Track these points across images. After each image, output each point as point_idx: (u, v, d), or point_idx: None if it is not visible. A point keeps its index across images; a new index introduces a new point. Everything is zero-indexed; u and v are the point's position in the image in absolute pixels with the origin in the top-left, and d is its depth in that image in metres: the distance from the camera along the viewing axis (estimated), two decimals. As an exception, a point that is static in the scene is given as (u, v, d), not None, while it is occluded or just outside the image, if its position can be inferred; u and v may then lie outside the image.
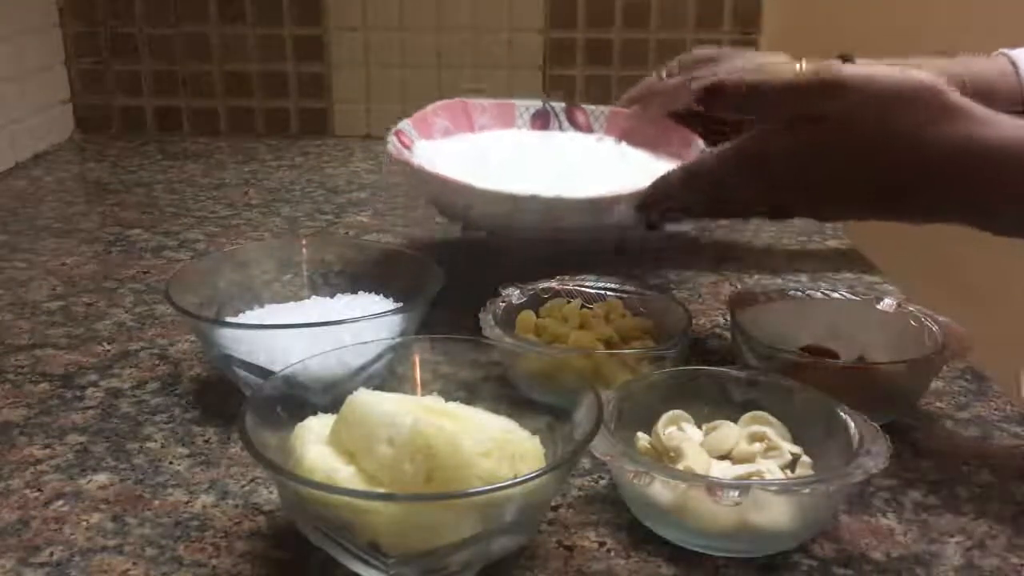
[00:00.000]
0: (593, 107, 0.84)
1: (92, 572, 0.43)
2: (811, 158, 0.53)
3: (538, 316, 0.60)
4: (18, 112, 1.13)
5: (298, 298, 0.63)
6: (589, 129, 0.84)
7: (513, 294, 0.62)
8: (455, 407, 0.45)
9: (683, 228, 0.87)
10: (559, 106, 0.85)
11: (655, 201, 0.63)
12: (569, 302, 0.62)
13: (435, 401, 0.46)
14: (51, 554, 0.44)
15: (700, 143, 0.76)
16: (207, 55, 1.24)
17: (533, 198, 0.65)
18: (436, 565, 0.40)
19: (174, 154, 1.18)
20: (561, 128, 0.85)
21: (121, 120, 1.27)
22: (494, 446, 0.40)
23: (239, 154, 1.18)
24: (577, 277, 0.64)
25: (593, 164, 0.78)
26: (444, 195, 0.70)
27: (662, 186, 0.62)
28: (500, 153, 0.78)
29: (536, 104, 0.85)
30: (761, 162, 0.55)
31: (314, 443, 0.43)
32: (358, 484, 0.40)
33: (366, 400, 0.43)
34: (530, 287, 0.62)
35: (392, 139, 0.74)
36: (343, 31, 1.23)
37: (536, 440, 0.44)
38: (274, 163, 1.15)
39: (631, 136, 0.82)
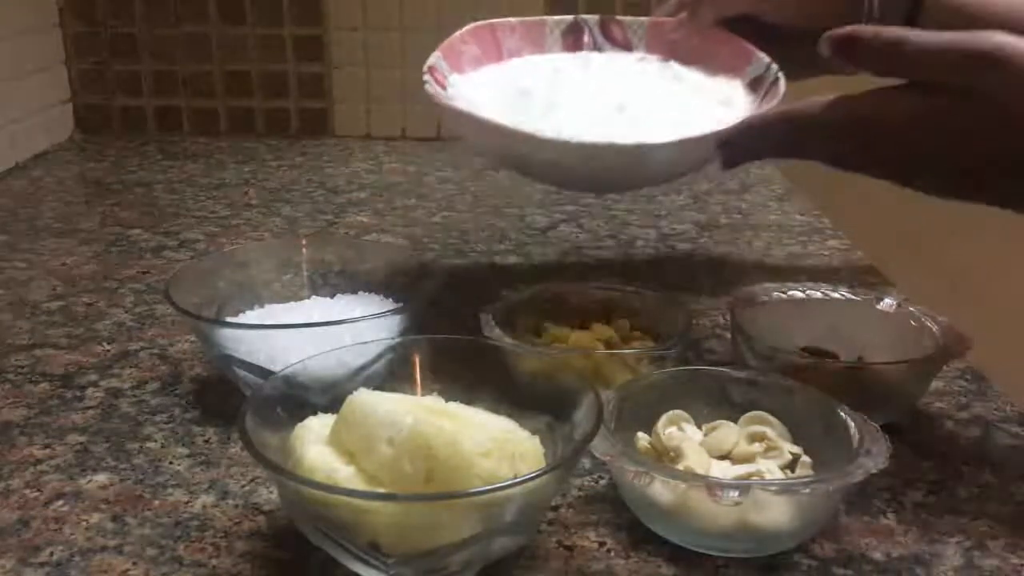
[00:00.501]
0: (631, 19, 0.74)
1: (92, 572, 0.43)
2: (941, 134, 0.48)
3: (538, 316, 0.60)
4: (18, 112, 1.13)
5: (298, 298, 0.63)
6: (628, 45, 0.74)
7: (513, 294, 0.62)
8: (455, 407, 0.45)
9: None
10: (593, 20, 0.75)
11: (746, 143, 0.56)
12: (570, 302, 0.62)
13: (435, 401, 0.46)
14: (51, 554, 0.44)
15: (761, 56, 0.66)
16: (207, 55, 1.24)
17: (610, 146, 0.57)
18: (436, 565, 0.40)
19: (174, 154, 1.18)
20: (596, 46, 0.75)
21: (121, 120, 1.27)
22: (494, 446, 0.40)
23: (239, 154, 1.18)
24: (577, 277, 0.64)
25: (646, 92, 0.68)
26: (499, 143, 0.62)
27: (757, 128, 0.55)
28: (540, 89, 0.68)
29: (567, 19, 0.75)
30: (878, 126, 0.49)
31: (314, 443, 0.43)
32: (358, 484, 0.40)
33: (366, 400, 0.43)
34: (530, 287, 0.62)
35: (428, 78, 0.66)
36: (343, 31, 1.23)
37: (536, 440, 0.44)
38: (274, 163, 1.15)
39: (677, 51, 0.72)
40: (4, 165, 1.09)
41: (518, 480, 0.39)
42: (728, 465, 0.47)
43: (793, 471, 0.46)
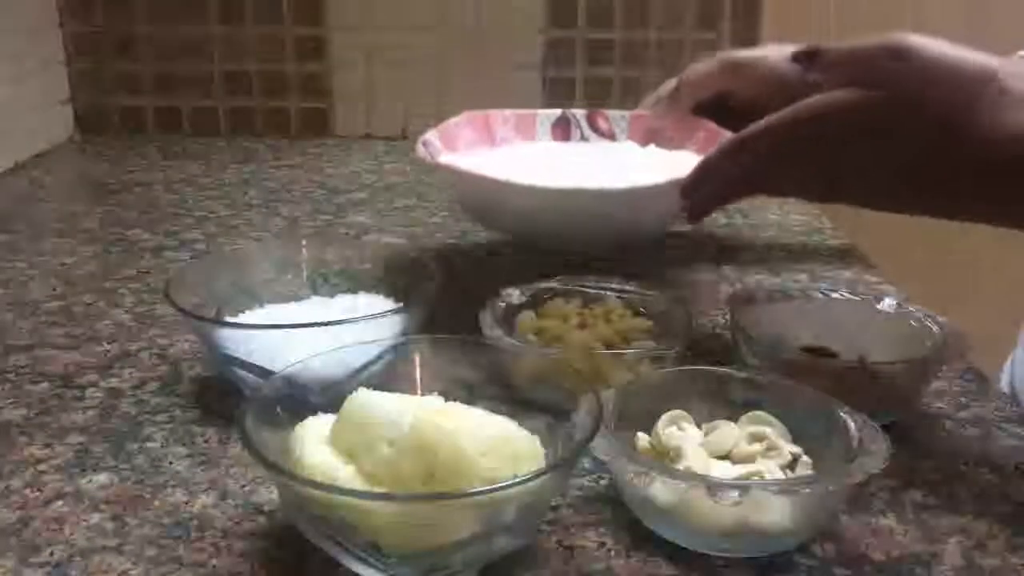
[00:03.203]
0: (615, 112, 0.84)
1: (92, 572, 0.43)
2: (869, 131, 0.52)
3: (538, 316, 0.60)
4: (18, 112, 1.13)
5: (298, 298, 0.63)
6: (612, 135, 0.83)
7: (513, 294, 0.62)
8: (455, 407, 0.45)
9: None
10: (580, 113, 0.84)
11: (701, 179, 0.59)
12: (569, 302, 0.62)
13: (435, 401, 0.46)
14: (51, 554, 0.44)
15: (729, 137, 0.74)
16: (207, 55, 1.24)
17: (579, 191, 0.64)
18: (436, 565, 0.40)
19: (174, 154, 1.18)
20: (583, 136, 0.84)
21: (121, 120, 1.27)
22: (494, 446, 0.40)
23: (239, 154, 1.19)
24: (577, 277, 0.64)
25: (623, 166, 0.77)
26: (478, 193, 0.69)
27: (710, 162, 0.59)
28: (527, 161, 0.77)
29: (556, 112, 0.84)
30: (819, 126, 0.53)
31: (314, 443, 0.43)
32: (358, 484, 0.40)
33: (366, 400, 0.43)
34: (530, 287, 0.62)
35: (420, 147, 0.74)
36: (343, 31, 1.23)
37: (536, 440, 0.44)
38: (274, 163, 1.15)
39: (656, 139, 0.81)
40: (4, 165, 1.09)
41: (518, 480, 0.39)
42: (728, 465, 0.47)
43: (793, 471, 0.46)
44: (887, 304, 0.60)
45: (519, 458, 0.41)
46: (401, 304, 0.59)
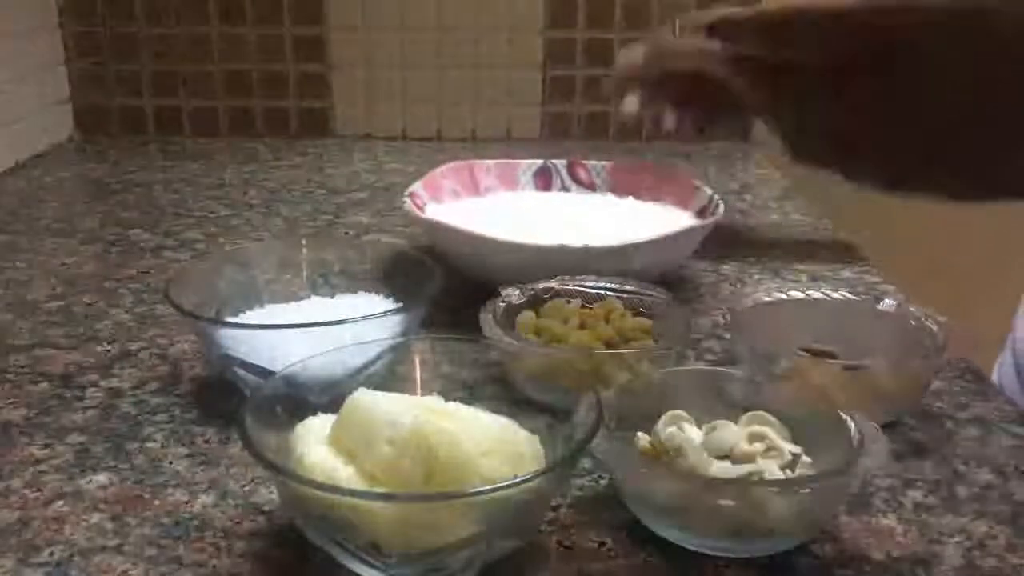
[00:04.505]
0: (594, 162, 0.87)
1: (92, 572, 0.43)
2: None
3: (538, 316, 0.60)
4: (18, 112, 1.13)
5: (298, 298, 0.63)
6: (592, 185, 0.86)
7: (513, 294, 0.62)
8: (455, 407, 0.45)
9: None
10: (561, 163, 0.87)
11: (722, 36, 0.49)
12: (569, 302, 0.62)
13: (435, 401, 0.46)
14: (51, 554, 0.44)
15: (705, 189, 0.78)
16: (207, 55, 1.24)
17: (563, 249, 0.67)
18: (436, 565, 0.40)
19: (174, 154, 1.18)
20: (564, 186, 0.87)
21: (121, 120, 1.27)
22: (494, 446, 0.40)
23: (239, 154, 1.19)
24: (577, 277, 0.64)
25: (602, 219, 0.80)
26: (463, 247, 0.71)
27: (730, 21, 0.47)
28: (511, 215, 0.80)
29: (538, 162, 0.87)
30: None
31: (314, 443, 0.43)
32: (358, 484, 0.40)
33: (366, 400, 0.43)
34: (530, 287, 0.62)
35: (407, 200, 0.76)
36: (343, 31, 1.23)
37: (536, 440, 0.44)
38: (274, 163, 1.15)
39: (634, 188, 0.84)
40: (4, 165, 1.09)
41: (518, 480, 0.39)
42: (728, 465, 0.47)
43: (793, 471, 0.46)
44: (887, 304, 0.60)
45: (519, 458, 0.41)
46: (401, 304, 0.59)
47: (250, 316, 0.61)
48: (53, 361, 0.63)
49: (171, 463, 0.52)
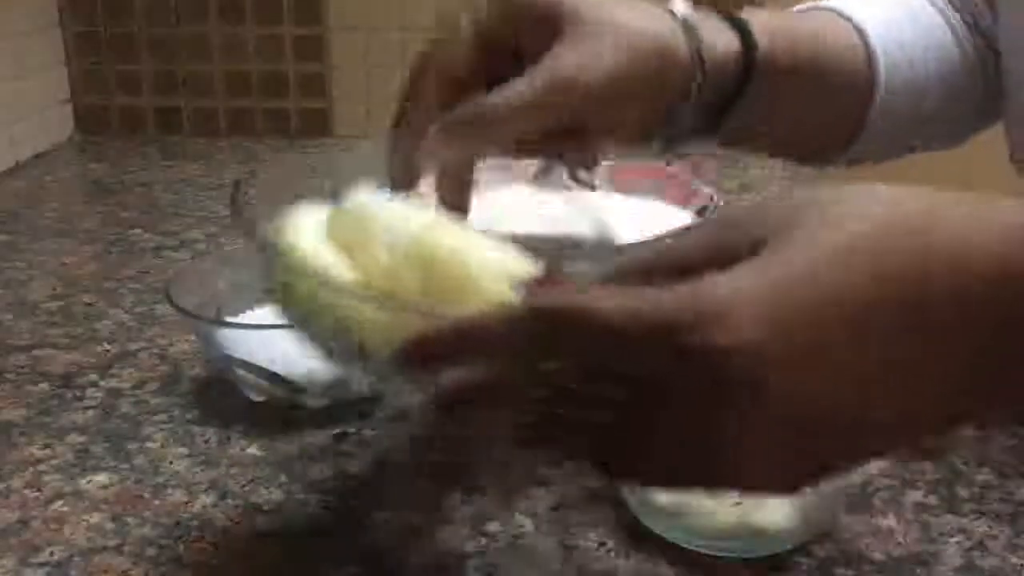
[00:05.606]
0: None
1: (92, 572, 0.43)
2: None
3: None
4: (18, 112, 1.12)
5: (298, 298, 0.63)
6: (592, 184, 0.85)
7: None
8: (461, 224, 0.42)
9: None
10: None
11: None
12: None
13: (440, 216, 0.42)
14: (51, 554, 0.44)
15: (706, 190, 0.68)
16: (207, 55, 1.24)
17: (558, 244, 0.64)
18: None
19: (174, 154, 1.18)
20: (564, 184, 0.85)
21: (121, 120, 1.27)
22: (500, 271, 0.37)
23: (239, 154, 1.18)
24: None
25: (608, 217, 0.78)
26: None
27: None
28: (509, 214, 0.78)
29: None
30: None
31: (311, 231, 0.39)
32: (352, 283, 0.37)
33: (368, 199, 0.40)
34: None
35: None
36: (343, 31, 1.23)
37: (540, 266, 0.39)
38: (274, 163, 1.15)
39: (633, 186, 0.81)
40: (4, 165, 1.09)
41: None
42: (728, 465, 0.47)
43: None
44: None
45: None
46: (401, 304, 0.59)
47: (250, 316, 0.60)
48: (53, 361, 0.63)
49: (171, 463, 0.52)
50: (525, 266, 0.38)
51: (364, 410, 0.56)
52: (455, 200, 0.48)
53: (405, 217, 0.39)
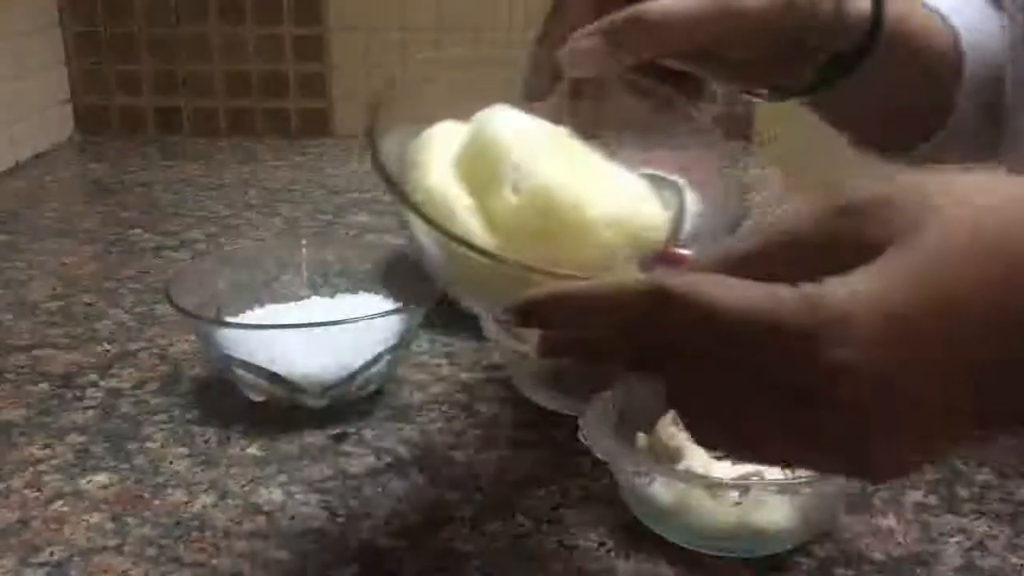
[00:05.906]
0: None
1: (92, 572, 0.43)
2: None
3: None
4: (18, 112, 1.13)
5: (298, 298, 0.63)
6: None
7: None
8: (595, 157, 0.42)
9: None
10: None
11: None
12: None
13: (574, 142, 0.42)
14: (51, 554, 0.44)
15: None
16: (207, 55, 1.24)
17: None
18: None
19: (174, 154, 1.18)
20: None
21: (121, 120, 1.27)
22: (620, 217, 0.38)
23: (239, 154, 1.18)
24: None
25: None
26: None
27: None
28: None
29: None
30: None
31: (440, 161, 0.41)
32: (475, 221, 0.39)
33: (498, 130, 0.40)
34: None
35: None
36: (343, 31, 1.23)
37: (663, 215, 0.40)
38: (274, 163, 1.15)
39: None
40: (4, 165, 1.09)
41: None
42: (728, 465, 0.46)
43: (793, 471, 0.46)
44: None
45: (638, 236, 0.39)
46: (401, 304, 0.59)
47: (250, 316, 0.60)
48: (53, 361, 0.63)
49: (171, 463, 0.52)
50: (645, 212, 0.40)
51: (364, 410, 0.56)
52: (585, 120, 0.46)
53: (534, 155, 0.39)
